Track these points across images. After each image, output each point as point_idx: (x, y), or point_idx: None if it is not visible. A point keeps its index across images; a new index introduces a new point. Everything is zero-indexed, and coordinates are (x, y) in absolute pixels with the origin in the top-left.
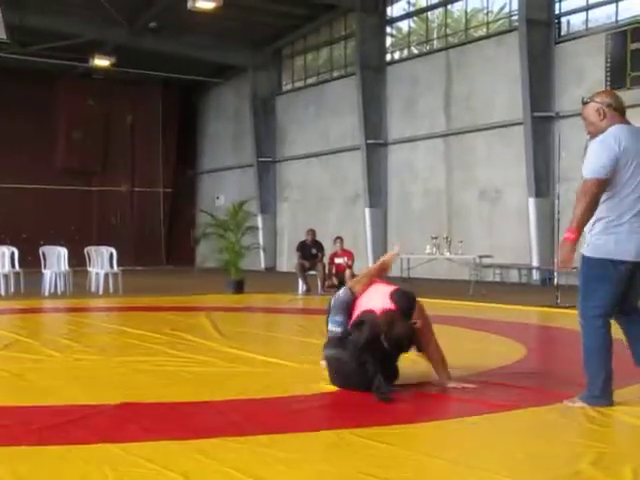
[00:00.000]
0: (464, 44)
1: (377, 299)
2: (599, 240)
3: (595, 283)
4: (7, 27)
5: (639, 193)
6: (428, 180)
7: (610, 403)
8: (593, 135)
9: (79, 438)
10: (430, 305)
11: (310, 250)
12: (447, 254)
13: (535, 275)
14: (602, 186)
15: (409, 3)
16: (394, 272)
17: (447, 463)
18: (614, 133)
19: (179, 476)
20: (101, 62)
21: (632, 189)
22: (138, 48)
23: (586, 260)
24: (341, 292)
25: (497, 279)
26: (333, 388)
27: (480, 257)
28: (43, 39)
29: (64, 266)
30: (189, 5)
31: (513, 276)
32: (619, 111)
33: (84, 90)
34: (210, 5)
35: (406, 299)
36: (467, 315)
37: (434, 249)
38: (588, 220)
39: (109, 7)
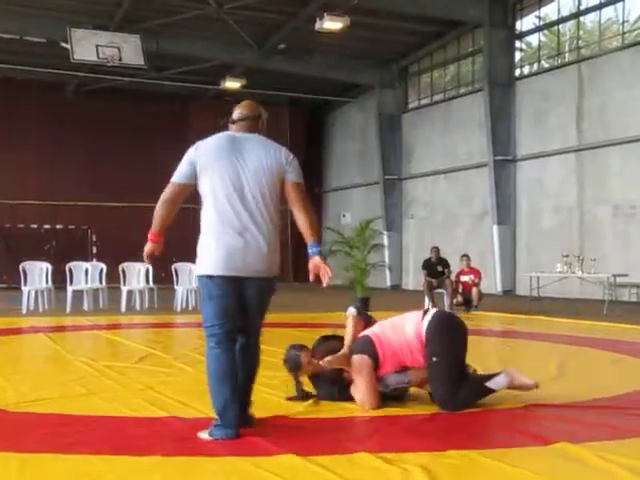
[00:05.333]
0: (598, 56)
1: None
2: (200, 253)
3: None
4: (145, 54)
5: (225, 201)
6: (559, 196)
7: (235, 434)
8: None
9: (208, 450)
10: (561, 325)
11: (435, 268)
12: (579, 273)
13: None
14: (177, 190)
15: (539, 18)
16: (523, 291)
17: None
18: (200, 141)
19: None
20: (232, 84)
21: (220, 197)
22: (267, 69)
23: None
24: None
25: (633, 299)
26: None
27: (615, 276)
28: (177, 64)
29: (194, 282)
30: (316, 26)
31: None
32: (237, 123)
33: (215, 111)
34: (337, 25)
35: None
36: (601, 336)
37: (565, 267)
38: (165, 222)
39: (240, 31)
